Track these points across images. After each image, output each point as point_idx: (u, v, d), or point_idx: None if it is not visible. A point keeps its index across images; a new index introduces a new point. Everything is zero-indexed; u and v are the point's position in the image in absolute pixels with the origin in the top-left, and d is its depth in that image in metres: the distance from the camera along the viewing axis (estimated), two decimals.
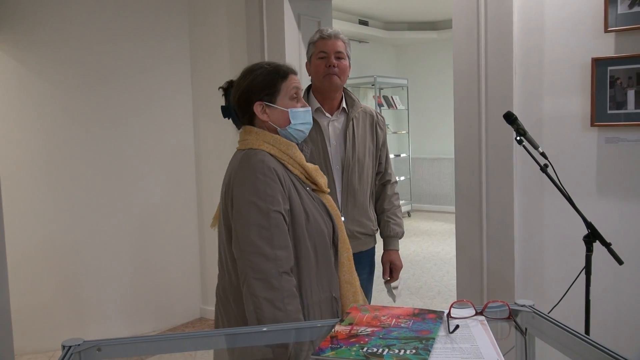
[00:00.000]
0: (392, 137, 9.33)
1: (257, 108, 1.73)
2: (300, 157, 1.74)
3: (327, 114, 2.46)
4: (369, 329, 1.12)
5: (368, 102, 8.71)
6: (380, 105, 8.75)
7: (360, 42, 8.90)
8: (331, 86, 2.41)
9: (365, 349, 1.02)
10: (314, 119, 2.42)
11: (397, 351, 1.01)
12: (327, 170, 2.40)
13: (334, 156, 2.43)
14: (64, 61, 3.83)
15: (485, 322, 1.14)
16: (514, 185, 2.84)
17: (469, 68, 2.92)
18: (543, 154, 2.13)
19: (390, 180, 2.61)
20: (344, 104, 2.49)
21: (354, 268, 1.84)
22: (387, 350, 1.02)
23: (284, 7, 3.76)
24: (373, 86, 8.63)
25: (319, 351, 1.04)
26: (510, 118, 2.20)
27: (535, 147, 2.14)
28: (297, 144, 1.79)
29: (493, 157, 2.89)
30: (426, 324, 1.14)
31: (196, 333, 1.38)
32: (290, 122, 1.73)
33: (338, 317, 1.69)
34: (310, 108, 1.81)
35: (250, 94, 1.74)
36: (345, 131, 2.44)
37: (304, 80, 2.56)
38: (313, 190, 1.80)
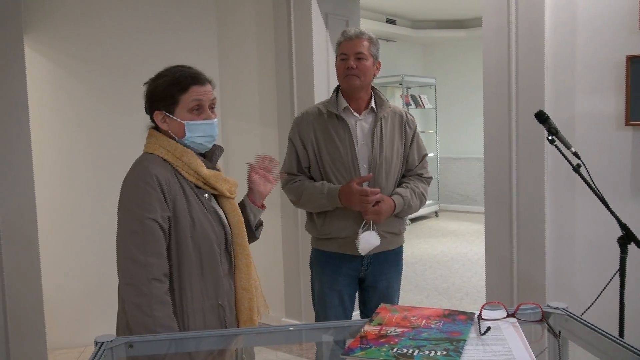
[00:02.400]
0: (420, 137, 9.25)
1: (157, 117, 1.74)
2: (197, 164, 1.72)
3: (355, 114, 2.46)
4: (399, 330, 1.11)
5: (395, 101, 8.67)
6: (407, 104, 8.70)
7: (387, 40, 8.85)
8: (350, 87, 2.41)
9: (395, 350, 1.02)
10: (341, 118, 2.44)
11: (427, 352, 1.00)
12: (354, 169, 2.40)
13: (361, 155, 2.43)
14: (92, 57, 3.89)
15: (517, 324, 1.12)
16: (545, 185, 2.79)
17: (499, 66, 2.88)
18: (576, 154, 2.09)
19: (422, 174, 2.57)
20: (372, 104, 2.48)
21: (254, 274, 1.83)
22: (417, 351, 1.01)
23: (312, 6, 3.77)
24: (400, 85, 8.57)
25: (348, 351, 1.04)
26: (541, 117, 2.17)
27: (568, 147, 2.10)
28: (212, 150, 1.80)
29: (523, 156, 2.85)
30: (457, 325, 1.13)
31: (226, 331, 1.39)
32: (186, 135, 1.72)
33: (225, 324, 1.71)
34: (215, 121, 1.77)
35: (151, 102, 1.75)
36: (373, 131, 2.44)
37: (333, 80, 2.55)
38: (215, 195, 1.80)
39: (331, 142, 2.43)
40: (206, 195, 1.76)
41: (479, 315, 1.16)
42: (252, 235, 1.96)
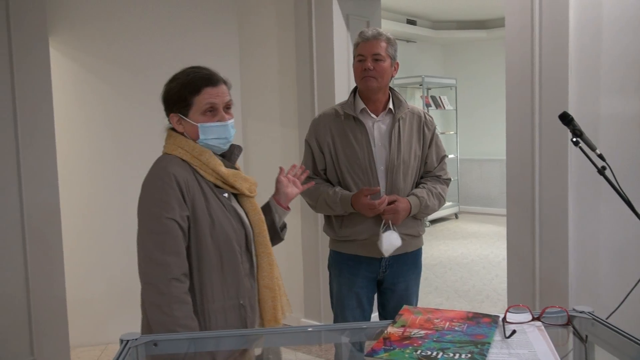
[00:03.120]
0: (439, 138, 9.21)
1: (173, 119, 1.75)
2: (215, 163, 1.72)
3: (373, 115, 2.45)
4: (423, 332, 1.11)
5: (415, 102, 8.64)
6: (427, 105, 8.66)
7: (407, 41, 8.83)
8: (368, 89, 2.40)
9: (419, 352, 1.02)
10: (358, 120, 2.42)
11: (452, 355, 1.00)
12: (371, 171, 2.39)
13: (378, 157, 2.41)
14: (115, 57, 3.94)
15: (543, 327, 1.11)
16: (568, 187, 2.76)
17: (522, 67, 2.86)
18: (600, 156, 2.06)
19: (441, 176, 2.54)
20: (390, 105, 2.47)
21: (277, 273, 1.83)
22: (441, 353, 1.00)
23: (333, 7, 3.77)
24: (421, 86, 8.54)
25: (372, 352, 1.04)
26: (566, 119, 2.13)
27: (593, 149, 2.07)
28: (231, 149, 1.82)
29: (547, 159, 2.82)
30: (481, 328, 1.12)
31: (247, 331, 1.40)
32: (199, 137, 1.72)
33: (246, 324, 1.70)
34: (230, 122, 1.76)
35: (166, 105, 1.77)
36: (390, 132, 2.42)
37: (354, 81, 2.55)
38: (235, 194, 1.80)
39: (348, 144, 2.42)
40: (226, 194, 1.76)
41: (504, 318, 1.15)
42: (277, 237, 1.96)
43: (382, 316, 2.61)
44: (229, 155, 1.84)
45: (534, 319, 1.14)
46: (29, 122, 3.12)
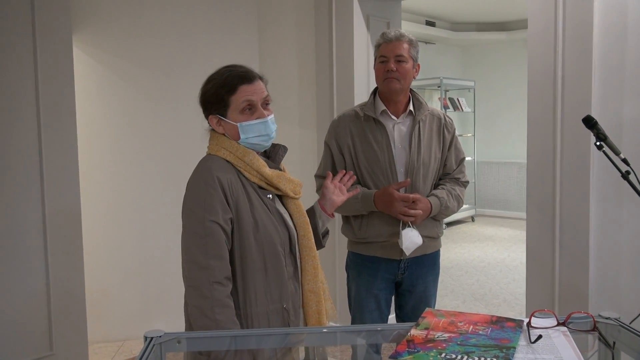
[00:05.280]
0: (459, 140, 9.17)
1: (212, 121, 1.74)
2: (259, 164, 1.70)
3: (393, 117, 2.44)
4: (446, 335, 1.10)
5: (433, 104, 8.60)
6: (445, 107, 8.62)
7: (426, 43, 8.80)
8: (390, 90, 2.39)
9: (443, 355, 1.01)
10: (379, 122, 2.42)
11: (476, 359, 0.99)
12: (391, 173, 2.39)
13: (398, 159, 2.41)
14: (137, 58, 3.97)
15: (568, 333, 1.10)
16: (590, 191, 2.73)
17: (544, 70, 2.84)
18: (625, 160, 2.04)
19: (459, 178, 2.54)
20: (410, 107, 2.46)
21: (321, 277, 1.80)
22: (465, 357, 1.00)
23: (354, 8, 3.77)
24: (439, 88, 8.51)
25: (395, 354, 1.03)
26: (590, 122, 2.12)
27: (617, 153, 2.05)
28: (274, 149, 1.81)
29: (568, 162, 2.79)
30: (505, 332, 1.11)
31: (272, 330, 1.40)
32: (240, 137, 1.71)
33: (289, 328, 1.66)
34: (270, 118, 1.76)
35: (204, 107, 1.75)
36: (410, 134, 2.42)
37: (374, 82, 2.55)
38: (279, 196, 1.78)
39: (368, 145, 2.41)
40: (270, 195, 1.74)
41: (529, 323, 1.14)
42: (319, 243, 1.93)
43: (399, 318, 2.60)
44: (274, 156, 1.83)
45: (559, 324, 1.13)
46: (51, 121, 3.16)
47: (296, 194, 1.80)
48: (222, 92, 1.70)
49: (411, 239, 2.32)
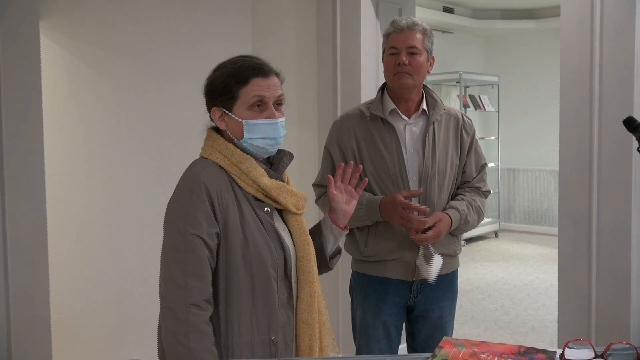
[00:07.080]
0: (479, 144, 9.19)
1: (215, 114, 1.73)
2: (257, 172, 1.69)
3: (404, 117, 2.44)
4: None
5: (451, 102, 8.62)
6: (465, 106, 8.64)
7: (444, 32, 8.83)
8: (401, 87, 2.38)
9: None
10: (387, 122, 2.41)
11: None
12: (402, 181, 2.38)
13: (410, 165, 2.40)
14: (113, 45, 3.94)
15: None
16: (632, 204, 2.73)
17: (579, 64, 2.85)
18: None
19: (480, 187, 2.53)
20: (424, 105, 2.46)
21: (317, 307, 1.77)
22: None
23: None
24: (458, 84, 8.53)
25: None
26: (631, 124, 2.12)
27: None
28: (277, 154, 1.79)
29: (607, 170, 2.80)
30: None
31: None
32: (244, 135, 1.69)
33: None
34: (281, 121, 1.74)
35: (208, 97, 1.74)
36: (424, 136, 2.42)
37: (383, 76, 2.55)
38: (279, 210, 1.77)
39: (375, 150, 2.41)
40: (267, 209, 1.73)
41: (562, 355, 1.14)
42: (325, 266, 1.90)
43: (411, 348, 2.60)
44: (277, 163, 1.81)
45: (597, 357, 1.13)
46: (15, 120, 3.15)
47: (299, 209, 1.78)
48: (231, 83, 1.69)
49: (437, 265, 2.30)
